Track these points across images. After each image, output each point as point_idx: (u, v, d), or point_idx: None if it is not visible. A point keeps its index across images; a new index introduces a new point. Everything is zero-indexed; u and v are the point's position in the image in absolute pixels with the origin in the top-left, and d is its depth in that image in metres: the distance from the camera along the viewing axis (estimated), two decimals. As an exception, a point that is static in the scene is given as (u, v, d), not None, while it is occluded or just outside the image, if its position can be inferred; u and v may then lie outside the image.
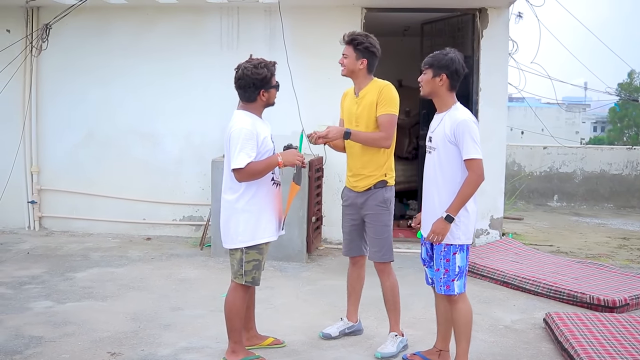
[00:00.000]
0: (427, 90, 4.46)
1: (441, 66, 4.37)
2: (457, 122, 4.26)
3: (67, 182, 9.23)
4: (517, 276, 6.85)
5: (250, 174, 4.47)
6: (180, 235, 9.03)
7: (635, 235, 10.31)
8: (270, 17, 8.73)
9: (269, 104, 4.70)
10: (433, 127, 4.48)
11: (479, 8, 8.66)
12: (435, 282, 4.45)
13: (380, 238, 5.01)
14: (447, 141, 4.30)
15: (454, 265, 4.34)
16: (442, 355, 4.74)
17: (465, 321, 4.40)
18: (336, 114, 8.78)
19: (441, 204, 4.34)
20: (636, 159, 13.49)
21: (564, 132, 26.31)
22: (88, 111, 9.17)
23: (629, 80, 51.69)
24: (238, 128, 4.48)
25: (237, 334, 4.68)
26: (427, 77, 4.43)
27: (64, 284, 6.67)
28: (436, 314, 4.76)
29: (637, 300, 6.21)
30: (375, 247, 5.03)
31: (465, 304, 4.42)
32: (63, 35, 8.91)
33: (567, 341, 4.90)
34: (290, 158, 4.59)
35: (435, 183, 4.39)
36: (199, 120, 8.99)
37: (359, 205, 5.06)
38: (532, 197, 13.50)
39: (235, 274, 4.63)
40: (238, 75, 4.59)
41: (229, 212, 4.63)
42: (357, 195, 5.07)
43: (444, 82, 4.38)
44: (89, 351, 4.91)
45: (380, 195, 4.97)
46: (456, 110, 4.37)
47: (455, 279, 4.34)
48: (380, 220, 5.00)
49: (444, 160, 4.34)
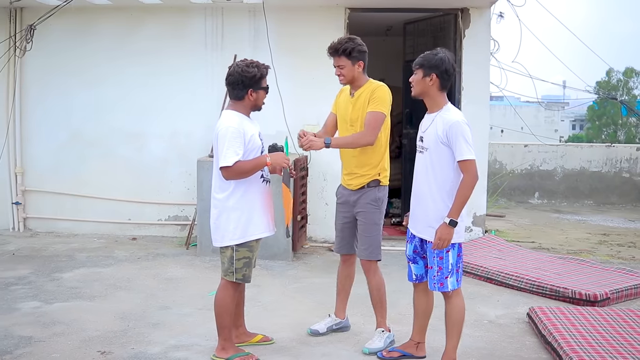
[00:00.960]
0: (418, 90, 4.50)
1: (431, 66, 4.41)
2: (450, 124, 4.30)
3: (52, 183, 9.22)
4: (500, 272, 6.96)
5: (237, 173, 4.52)
6: (166, 235, 9.05)
7: (614, 231, 10.46)
8: (255, 17, 8.78)
9: (257, 106, 4.73)
10: (424, 127, 4.52)
11: (461, 8, 8.76)
12: (429, 280, 4.51)
13: (369, 236, 5.07)
14: (440, 142, 4.34)
15: (447, 263, 4.41)
16: (419, 347, 4.85)
17: (459, 317, 4.48)
18: (321, 114, 8.88)
19: (435, 204, 4.41)
20: (615, 156, 13.67)
21: (543, 131, 26.56)
22: (73, 112, 9.17)
23: (607, 79, 52.19)
24: (225, 126, 4.53)
25: (227, 331, 4.73)
26: (417, 77, 4.48)
27: (51, 284, 6.68)
28: (414, 307, 4.85)
29: (617, 294, 6.33)
30: (364, 244, 5.09)
31: (460, 300, 4.49)
32: (47, 36, 8.90)
33: (551, 334, 5.00)
34: (279, 160, 4.65)
35: (428, 183, 4.45)
36: (184, 120, 9.02)
37: (352, 203, 5.12)
38: (514, 195, 13.63)
39: (226, 271, 4.68)
40: (229, 72, 4.66)
41: (219, 210, 4.67)
42: (351, 193, 5.13)
43: (434, 82, 4.42)
44: (79, 350, 4.94)
45: (373, 194, 5.03)
46: (448, 111, 4.42)
47: (448, 276, 4.41)
48: (370, 218, 5.06)
49: (436, 161, 4.39)
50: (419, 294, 4.76)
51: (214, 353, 4.78)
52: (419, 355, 4.85)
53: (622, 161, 13.61)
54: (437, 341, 4.96)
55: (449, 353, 4.50)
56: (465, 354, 4.93)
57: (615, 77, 52.31)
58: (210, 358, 4.79)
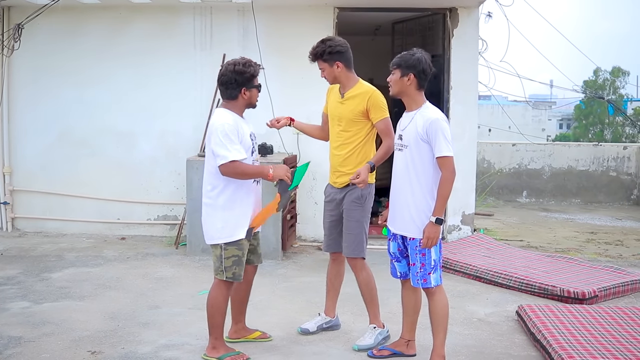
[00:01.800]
0: (396, 89, 4.59)
1: (409, 66, 4.50)
2: (430, 121, 4.40)
3: (40, 183, 9.18)
4: (489, 270, 6.99)
5: (236, 172, 4.54)
6: (155, 234, 9.03)
7: (602, 229, 10.53)
8: (244, 17, 8.77)
9: (251, 104, 4.76)
10: (403, 125, 4.60)
11: (449, 7, 8.79)
12: (412, 276, 4.57)
13: (351, 234, 5.12)
14: (420, 139, 4.43)
15: (430, 259, 4.48)
16: (410, 345, 4.89)
17: (443, 313, 4.54)
18: (310, 113, 8.92)
19: (415, 200, 4.47)
20: (602, 155, 13.75)
21: (530, 130, 26.70)
22: (61, 111, 9.13)
23: (594, 78, 52.49)
24: (221, 123, 4.54)
25: (218, 330, 4.74)
26: (395, 77, 4.56)
27: (40, 284, 6.66)
28: (403, 305, 4.89)
29: (605, 292, 6.38)
30: (346, 242, 5.15)
31: (442, 296, 4.56)
32: (35, 35, 8.86)
33: (540, 332, 5.04)
34: (280, 173, 4.66)
35: (409, 180, 4.51)
36: (173, 119, 9.00)
37: (338, 201, 5.17)
38: (502, 194, 13.69)
39: (217, 270, 4.70)
40: (221, 71, 4.66)
41: (209, 208, 4.69)
42: (337, 192, 5.19)
43: (412, 82, 4.51)
44: (69, 350, 4.93)
45: (357, 192, 5.07)
46: (427, 109, 4.51)
47: (431, 272, 4.48)
48: (352, 215, 5.11)
49: (417, 158, 4.47)
50: (407, 291, 4.81)
51: (204, 352, 4.79)
52: (409, 354, 4.87)
53: (609, 160, 13.69)
54: (427, 339, 4.96)
55: (437, 349, 4.55)
56: (454, 352, 4.96)
57: (603, 77, 52.65)
58: (201, 357, 4.79)
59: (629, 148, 13.97)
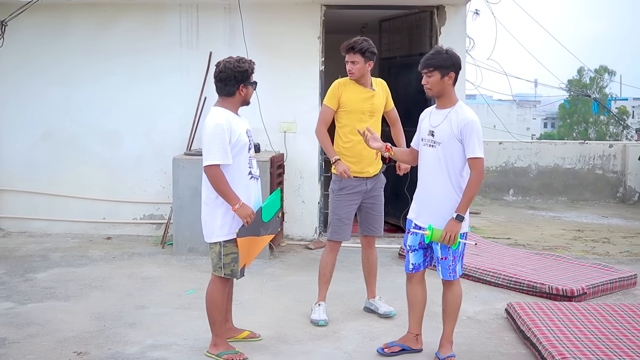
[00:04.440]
0: (437, 90, 4.63)
1: (448, 65, 4.57)
2: (466, 122, 4.53)
3: (25, 182, 9.06)
4: (477, 268, 6.98)
5: (213, 178, 4.57)
6: (141, 234, 8.95)
7: (589, 227, 10.56)
8: (230, 14, 8.71)
9: (246, 101, 4.83)
10: (436, 122, 4.66)
11: (436, 5, 8.77)
12: (443, 270, 4.69)
13: (381, 215, 5.80)
14: (455, 138, 4.55)
15: (459, 252, 4.69)
16: (418, 339, 4.96)
17: (458, 303, 4.78)
18: (297, 111, 8.90)
19: (449, 196, 4.62)
20: (588, 153, 13.78)
21: (515, 128, 26.83)
22: (46, 110, 9.02)
23: (579, 77, 52.81)
24: (212, 124, 4.60)
25: (218, 326, 4.78)
26: (435, 78, 4.59)
27: (25, 284, 6.58)
28: (409, 299, 4.94)
29: (594, 289, 6.38)
30: (379, 222, 5.79)
31: (459, 287, 4.79)
32: (20, 32, 8.76)
33: (529, 330, 5.03)
34: (243, 214, 4.59)
35: (440, 176, 4.63)
36: (159, 118, 8.92)
37: (367, 190, 5.64)
38: (489, 192, 13.70)
39: (215, 267, 4.74)
40: (219, 69, 4.70)
41: (208, 207, 4.72)
42: (368, 181, 5.64)
43: (452, 80, 4.61)
44: (54, 351, 4.87)
45: (382, 178, 5.79)
46: (462, 109, 4.62)
47: (458, 263, 4.71)
48: (381, 199, 5.77)
49: (449, 156, 4.58)
50: (414, 286, 4.88)
51: (207, 349, 4.83)
52: (418, 348, 4.94)
53: (595, 158, 13.73)
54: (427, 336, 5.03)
55: (447, 336, 4.76)
56: (444, 350, 4.95)
57: (587, 76, 52.98)
58: (204, 354, 4.81)
59: (615, 146, 14.01)
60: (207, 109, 8.29)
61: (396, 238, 8.47)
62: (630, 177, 13.51)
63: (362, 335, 5.31)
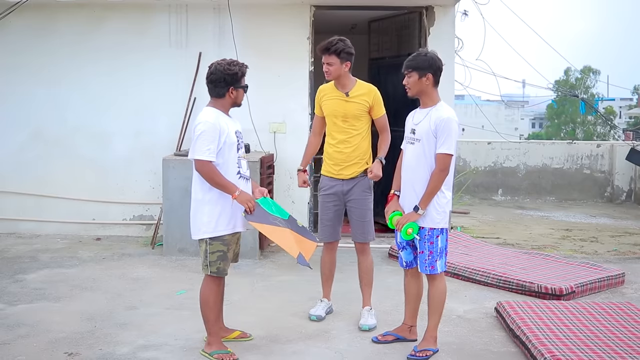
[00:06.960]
0: (416, 90, 4.84)
1: (425, 67, 4.76)
2: (442, 119, 4.71)
3: (13, 184, 9.01)
4: (467, 268, 7.01)
5: (206, 173, 4.62)
6: (131, 234, 8.93)
7: (577, 226, 10.62)
8: (220, 15, 8.70)
9: (237, 103, 4.88)
10: (418, 120, 4.86)
11: (425, 6, 8.80)
12: (420, 263, 4.86)
13: (365, 220, 5.61)
14: (432, 134, 4.73)
15: (437, 247, 4.81)
16: (412, 330, 5.14)
17: (441, 298, 4.91)
18: (286, 112, 8.91)
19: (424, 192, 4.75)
20: (576, 153, 13.86)
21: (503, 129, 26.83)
22: (34, 111, 8.97)
23: (566, 78, 53.04)
24: (201, 121, 4.67)
25: (210, 325, 4.82)
26: (413, 79, 4.81)
27: (14, 285, 6.56)
28: (405, 292, 5.14)
29: (582, 288, 6.43)
30: (362, 228, 5.60)
31: (443, 283, 4.92)
32: (7, 33, 8.73)
33: (519, 328, 5.06)
34: (243, 199, 4.66)
35: (419, 172, 4.80)
36: (148, 118, 8.90)
37: (344, 192, 5.55)
38: (477, 192, 13.75)
39: (202, 264, 4.80)
40: (211, 70, 4.77)
41: (195, 204, 4.78)
42: (343, 183, 5.56)
43: (430, 81, 4.78)
44: (45, 352, 4.87)
45: (367, 181, 5.57)
46: (442, 107, 4.81)
47: (437, 259, 4.82)
48: (365, 204, 5.60)
49: (427, 152, 4.76)
50: (409, 279, 5.07)
51: (202, 348, 4.88)
52: (411, 338, 5.11)
53: (582, 158, 13.81)
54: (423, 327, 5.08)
55: (431, 330, 4.90)
56: (435, 349, 4.97)
57: (574, 76, 53.23)
58: (199, 352, 4.85)
59: (602, 146, 14.10)
60: (196, 110, 8.34)
61: (386, 238, 8.47)
62: (617, 177, 13.61)
63: (353, 335, 5.33)
